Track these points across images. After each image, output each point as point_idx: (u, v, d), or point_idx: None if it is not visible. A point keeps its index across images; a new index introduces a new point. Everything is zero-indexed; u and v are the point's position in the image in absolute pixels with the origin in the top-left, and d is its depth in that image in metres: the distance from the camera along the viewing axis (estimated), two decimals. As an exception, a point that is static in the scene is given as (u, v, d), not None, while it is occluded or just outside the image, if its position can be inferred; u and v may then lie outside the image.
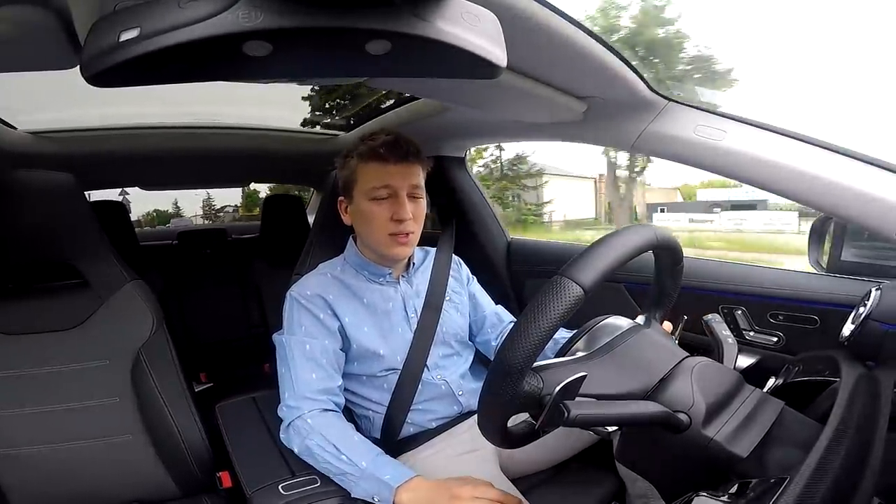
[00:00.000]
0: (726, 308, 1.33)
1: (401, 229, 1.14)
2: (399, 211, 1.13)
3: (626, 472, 0.85)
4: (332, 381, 1.12)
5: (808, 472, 0.58)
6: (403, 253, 1.20)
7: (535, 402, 0.68)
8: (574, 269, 0.65)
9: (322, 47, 0.50)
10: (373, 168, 1.14)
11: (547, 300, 0.63)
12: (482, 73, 0.56)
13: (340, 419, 1.09)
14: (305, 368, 1.10)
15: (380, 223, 1.14)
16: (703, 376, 0.73)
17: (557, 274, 0.65)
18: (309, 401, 1.08)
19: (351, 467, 0.98)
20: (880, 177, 0.87)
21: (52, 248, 1.22)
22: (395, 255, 1.20)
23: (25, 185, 1.16)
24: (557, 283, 0.64)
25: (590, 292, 0.64)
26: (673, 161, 1.08)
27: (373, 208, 1.14)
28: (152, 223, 5.67)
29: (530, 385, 0.67)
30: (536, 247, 1.91)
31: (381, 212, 1.14)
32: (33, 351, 1.19)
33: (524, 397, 0.67)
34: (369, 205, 1.14)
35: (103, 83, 0.48)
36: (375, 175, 1.13)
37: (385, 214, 1.14)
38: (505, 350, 0.64)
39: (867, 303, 0.81)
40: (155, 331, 1.27)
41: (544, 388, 0.68)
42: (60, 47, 0.64)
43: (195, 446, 1.26)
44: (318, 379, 1.10)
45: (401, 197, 1.13)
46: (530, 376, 0.68)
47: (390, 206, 1.14)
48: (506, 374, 0.63)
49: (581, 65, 0.90)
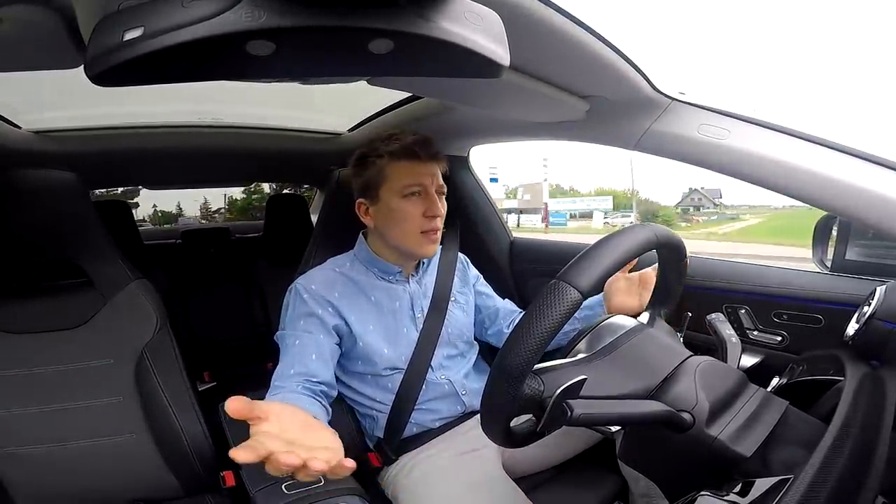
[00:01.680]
0: (730, 307, 1.33)
1: (433, 226, 1.16)
2: (432, 207, 1.15)
3: (629, 471, 0.85)
4: (314, 368, 1.08)
5: (812, 471, 0.58)
6: (433, 250, 1.21)
7: (536, 405, 0.68)
8: (571, 274, 0.65)
9: (325, 46, 0.50)
10: (405, 166, 1.14)
11: (544, 305, 0.63)
12: (485, 73, 0.56)
13: (296, 395, 1.02)
14: (287, 364, 1.08)
15: (413, 220, 1.15)
16: (706, 376, 0.73)
17: (555, 278, 0.65)
18: (275, 387, 1.04)
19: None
20: (885, 175, 0.86)
21: (56, 246, 1.22)
22: (425, 253, 1.21)
23: (29, 184, 1.17)
24: (555, 288, 0.64)
25: (588, 296, 0.64)
26: (677, 160, 1.07)
27: (406, 206, 1.15)
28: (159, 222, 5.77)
29: (531, 388, 0.67)
30: (539, 246, 1.91)
31: (414, 209, 1.15)
32: (37, 350, 1.20)
33: (525, 400, 0.67)
34: (402, 202, 1.15)
35: (107, 82, 0.48)
36: (409, 172, 1.14)
37: (417, 211, 1.15)
38: (505, 354, 0.64)
39: (872, 302, 0.81)
40: (159, 330, 1.28)
41: (545, 390, 0.68)
42: (64, 47, 0.64)
43: (199, 445, 1.26)
44: (295, 373, 1.06)
45: (431, 194, 1.15)
46: (531, 379, 0.68)
47: (422, 203, 1.15)
48: (506, 379, 0.63)
49: (584, 64, 0.90)
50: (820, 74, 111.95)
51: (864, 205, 0.86)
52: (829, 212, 1.10)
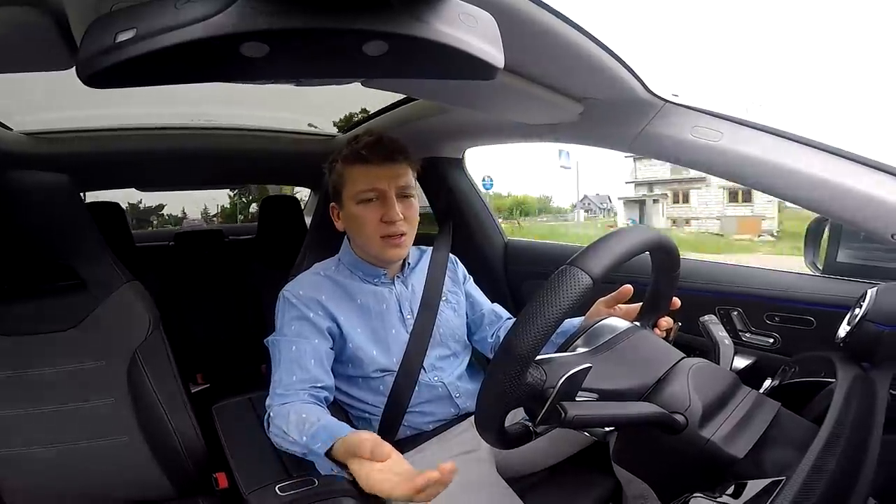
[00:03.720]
0: (723, 309, 1.34)
1: (392, 231, 1.13)
2: (388, 212, 1.12)
3: (623, 472, 0.85)
4: (315, 375, 1.08)
5: (804, 472, 0.59)
6: (398, 255, 1.19)
7: (536, 395, 0.68)
8: (583, 259, 0.66)
9: (319, 48, 0.50)
10: (358, 171, 1.13)
11: (556, 288, 0.63)
12: (479, 74, 0.56)
13: (308, 405, 1.04)
14: (288, 370, 1.08)
15: (370, 226, 1.14)
16: (699, 377, 0.74)
17: (566, 264, 0.66)
18: (281, 396, 1.05)
19: (298, 447, 0.95)
20: (876, 178, 0.87)
21: (48, 248, 1.21)
22: (390, 258, 1.19)
23: (21, 186, 1.16)
24: (567, 272, 0.64)
25: (598, 281, 0.64)
26: (670, 162, 1.08)
27: (361, 212, 1.14)
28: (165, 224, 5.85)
29: (533, 377, 0.67)
30: (533, 248, 1.91)
31: (371, 215, 1.13)
32: (29, 352, 1.19)
33: (527, 389, 0.67)
34: (358, 208, 1.14)
35: (99, 84, 0.48)
36: (361, 178, 1.13)
37: (374, 217, 1.13)
38: (512, 336, 0.64)
39: (863, 304, 0.81)
40: (151, 332, 1.27)
41: (547, 380, 0.68)
42: (56, 48, 0.63)
43: (191, 447, 1.26)
44: (298, 381, 1.07)
45: (389, 198, 1.13)
46: (534, 368, 0.68)
47: (379, 208, 1.13)
48: (512, 360, 0.63)
49: (578, 66, 0.91)
50: (817, 76, 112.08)
51: (855, 207, 0.87)
52: (821, 214, 1.10)
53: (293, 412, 0.99)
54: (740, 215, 21.43)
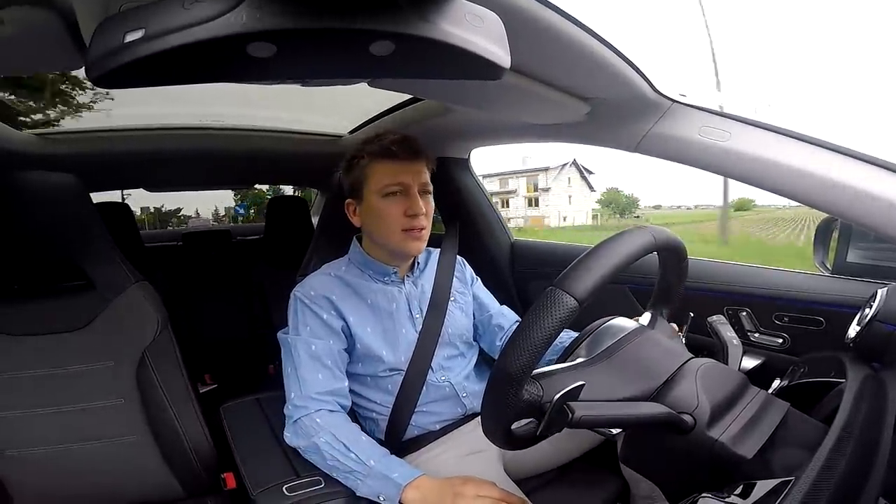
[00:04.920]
0: (731, 309, 1.33)
1: (415, 224, 1.15)
2: (413, 205, 1.14)
3: (631, 473, 0.85)
4: (337, 382, 1.13)
5: (813, 473, 0.58)
6: (417, 248, 1.20)
7: (535, 410, 0.68)
8: (567, 281, 0.65)
9: (326, 49, 0.50)
10: (385, 166, 1.15)
11: (540, 313, 0.63)
12: (486, 74, 0.56)
13: (347, 420, 1.10)
14: (311, 368, 1.11)
15: (394, 219, 1.15)
16: (707, 378, 0.73)
17: (551, 285, 0.65)
18: (316, 401, 1.09)
19: (359, 465, 0.99)
20: (886, 178, 0.86)
21: (57, 249, 1.22)
22: (410, 251, 1.20)
23: (30, 186, 1.17)
24: (551, 296, 0.64)
25: (584, 303, 0.64)
26: (677, 163, 1.07)
27: (385, 205, 1.15)
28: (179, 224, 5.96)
29: (530, 393, 0.67)
30: (540, 248, 1.91)
31: (394, 208, 1.15)
32: (38, 352, 1.19)
33: (524, 404, 0.67)
34: (382, 202, 1.15)
35: (108, 84, 0.48)
36: (387, 172, 1.15)
37: (398, 210, 1.15)
38: (502, 360, 0.64)
39: (873, 304, 0.81)
40: (160, 332, 1.27)
41: (544, 395, 0.68)
42: (65, 48, 0.64)
43: (200, 447, 1.26)
44: (324, 379, 1.11)
45: (413, 193, 1.15)
46: (530, 384, 0.68)
47: (403, 202, 1.15)
48: (505, 384, 0.64)
49: (585, 66, 0.90)
50: (826, 76, 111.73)
51: (865, 207, 0.86)
52: (831, 214, 1.09)
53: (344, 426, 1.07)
54: (533, 215, 40.91)
